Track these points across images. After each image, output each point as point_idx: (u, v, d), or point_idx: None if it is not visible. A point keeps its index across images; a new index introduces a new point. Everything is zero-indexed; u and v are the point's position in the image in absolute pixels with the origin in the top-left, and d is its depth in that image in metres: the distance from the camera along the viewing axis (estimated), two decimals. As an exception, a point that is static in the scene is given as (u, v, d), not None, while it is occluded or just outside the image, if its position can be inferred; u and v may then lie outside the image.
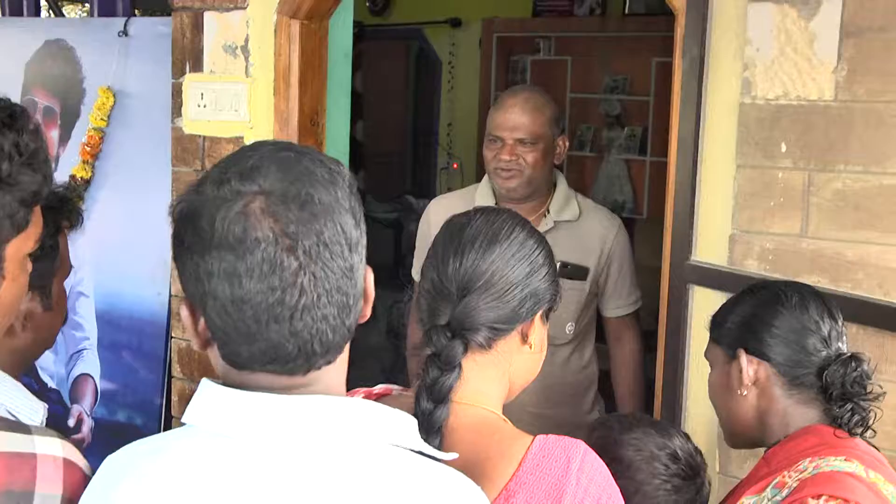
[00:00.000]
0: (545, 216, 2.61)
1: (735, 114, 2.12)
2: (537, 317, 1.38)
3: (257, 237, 0.93)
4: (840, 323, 1.58)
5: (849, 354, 1.53)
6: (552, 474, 1.21)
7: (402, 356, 3.52)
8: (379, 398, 1.39)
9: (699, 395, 2.20)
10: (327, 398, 1.00)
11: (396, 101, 7.51)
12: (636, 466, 1.56)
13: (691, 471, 1.58)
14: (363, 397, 1.33)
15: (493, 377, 1.36)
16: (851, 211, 1.98)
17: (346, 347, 1.04)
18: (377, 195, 6.79)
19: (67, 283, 1.68)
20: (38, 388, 3.28)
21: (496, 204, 2.61)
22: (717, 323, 1.68)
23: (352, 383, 1.42)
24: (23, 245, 1.15)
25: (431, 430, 1.25)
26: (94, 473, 1.08)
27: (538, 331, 1.40)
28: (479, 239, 1.36)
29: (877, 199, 1.95)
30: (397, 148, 7.58)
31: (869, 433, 1.54)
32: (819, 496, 1.37)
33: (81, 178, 3.08)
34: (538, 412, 2.55)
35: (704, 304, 2.16)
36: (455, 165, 6.95)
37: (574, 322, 2.61)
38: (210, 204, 0.95)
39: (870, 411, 1.53)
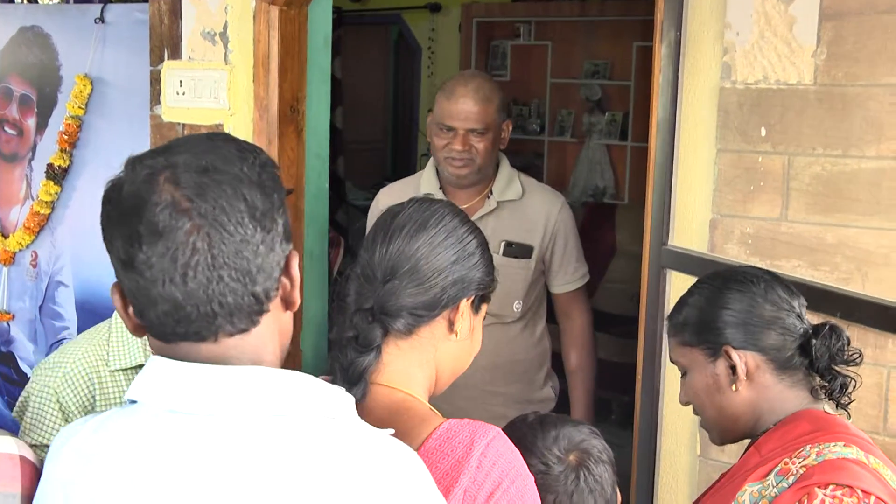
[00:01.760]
0: (488, 197, 2.64)
1: (715, 98, 2.12)
2: (464, 304, 1.39)
3: (155, 200, 0.99)
4: (801, 297, 1.59)
5: (827, 325, 1.54)
6: (454, 455, 1.22)
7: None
8: None
9: (677, 378, 2.21)
10: (266, 370, 1.02)
11: (376, 88, 7.48)
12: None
13: (544, 465, 1.50)
14: None
15: (416, 362, 1.38)
16: (830, 194, 1.99)
17: (271, 323, 1.05)
18: (357, 182, 6.77)
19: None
20: (17, 378, 3.26)
21: (441, 188, 2.66)
22: (682, 325, 1.63)
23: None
24: None
25: None
26: None
27: (467, 319, 1.40)
28: (409, 226, 1.39)
29: (855, 182, 1.96)
30: (377, 135, 7.56)
31: (846, 410, 1.55)
32: (826, 485, 1.36)
33: (59, 166, 3.05)
34: (491, 390, 2.60)
35: (681, 288, 2.17)
36: (436, 152, 6.92)
37: (521, 300, 2.64)
38: (124, 179, 1.03)
39: (852, 379, 1.54)
